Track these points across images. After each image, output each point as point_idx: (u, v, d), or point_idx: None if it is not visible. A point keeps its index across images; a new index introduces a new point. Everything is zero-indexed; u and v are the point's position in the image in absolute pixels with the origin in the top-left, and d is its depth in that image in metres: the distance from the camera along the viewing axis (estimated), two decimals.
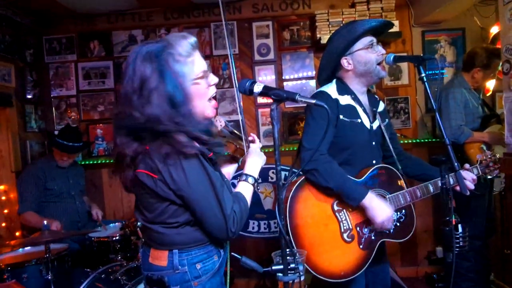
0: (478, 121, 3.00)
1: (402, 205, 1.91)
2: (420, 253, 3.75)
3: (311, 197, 1.86)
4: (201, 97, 1.29)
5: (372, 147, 1.98)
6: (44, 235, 2.27)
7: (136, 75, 1.19)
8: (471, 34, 3.65)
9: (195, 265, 1.29)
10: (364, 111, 1.96)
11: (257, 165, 1.49)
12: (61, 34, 3.73)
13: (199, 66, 1.28)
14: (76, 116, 3.76)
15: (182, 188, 1.20)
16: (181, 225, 1.27)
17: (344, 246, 1.83)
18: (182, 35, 1.27)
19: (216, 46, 3.71)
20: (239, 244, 3.70)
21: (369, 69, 1.90)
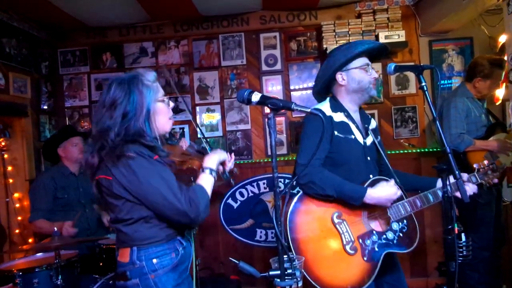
0: (483, 130, 2.99)
1: (403, 215, 1.94)
2: (430, 264, 3.70)
3: (311, 212, 1.89)
4: (163, 114, 1.57)
5: (367, 162, 2.03)
6: (54, 241, 2.33)
7: (110, 95, 1.49)
8: (479, 43, 3.65)
9: (151, 260, 1.48)
10: (357, 127, 2.03)
11: (213, 159, 1.64)
12: (75, 47, 3.86)
13: (161, 91, 1.60)
14: (88, 126, 3.86)
15: (134, 185, 1.41)
16: (136, 221, 1.47)
17: (348, 259, 1.83)
18: (147, 70, 1.60)
19: (224, 57, 3.78)
20: (247, 254, 3.71)
21: (361, 87, 2.00)
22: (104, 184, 1.47)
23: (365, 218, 1.93)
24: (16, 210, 3.34)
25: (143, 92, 1.50)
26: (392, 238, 1.93)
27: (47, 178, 3.15)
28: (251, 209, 3.73)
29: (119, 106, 1.45)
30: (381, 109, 3.74)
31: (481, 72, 2.96)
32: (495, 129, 2.98)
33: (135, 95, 1.48)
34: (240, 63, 3.78)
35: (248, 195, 3.76)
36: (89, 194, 3.36)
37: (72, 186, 3.24)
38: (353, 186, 1.85)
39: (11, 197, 3.34)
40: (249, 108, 3.78)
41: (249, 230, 3.75)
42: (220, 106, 3.79)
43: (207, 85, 3.79)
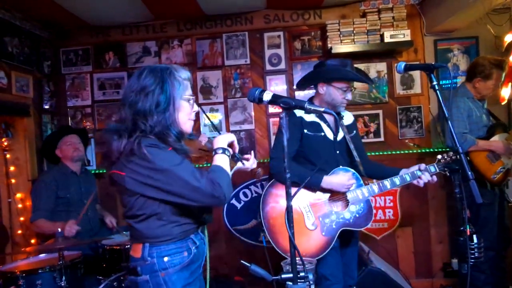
0: (484, 130, 2.98)
1: (360, 199, 2.31)
2: (435, 265, 3.68)
3: (280, 194, 2.32)
4: (185, 113, 1.54)
5: (336, 156, 2.38)
6: (58, 242, 2.30)
7: (140, 82, 1.47)
8: (484, 42, 3.62)
9: (162, 258, 1.47)
10: (328, 126, 2.39)
11: (222, 139, 1.61)
12: (78, 46, 3.84)
13: (190, 91, 1.58)
14: (91, 125, 3.83)
15: (154, 175, 1.38)
16: (148, 217, 1.45)
17: (309, 233, 2.26)
18: (183, 67, 1.59)
19: (228, 57, 3.76)
20: (251, 254, 3.69)
21: (333, 104, 2.36)
22: (117, 179, 1.45)
23: (327, 200, 2.34)
24: (19, 211, 3.31)
25: (175, 85, 1.49)
26: (349, 218, 2.30)
27: (49, 178, 3.14)
28: (255, 210, 3.70)
29: (151, 93, 1.44)
30: (386, 109, 3.71)
31: (481, 72, 2.95)
32: (496, 129, 2.97)
33: (168, 85, 1.47)
34: (244, 62, 3.75)
35: (252, 195, 3.74)
36: (91, 194, 3.34)
37: (73, 185, 3.22)
38: (311, 175, 2.18)
39: (13, 197, 3.32)
40: (253, 108, 3.75)
41: (253, 230, 3.72)
42: (223, 105, 3.77)
43: (211, 85, 3.76)
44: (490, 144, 2.85)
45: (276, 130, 3.74)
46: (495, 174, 2.85)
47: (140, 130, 1.41)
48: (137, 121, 1.42)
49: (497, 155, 2.85)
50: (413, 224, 3.70)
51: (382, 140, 3.71)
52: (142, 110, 1.43)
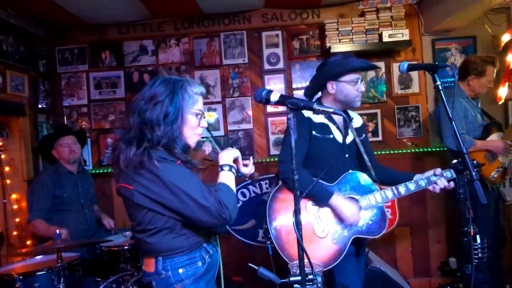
0: (480, 130, 2.99)
1: (372, 205, 2.15)
2: (433, 264, 3.69)
3: (288, 199, 2.16)
4: (191, 127, 1.52)
5: (345, 159, 2.25)
6: (56, 244, 2.27)
7: (152, 90, 1.47)
8: (482, 42, 3.63)
9: (177, 270, 1.45)
10: (338, 127, 2.25)
11: (228, 156, 1.60)
12: (73, 45, 3.78)
13: (199, 106, 1.56)
14: (87, 125, 3.79)
15: (161, 191, 1.36)
16: (160, 231, 1.42)
17: (319, 241, 2.10)
18: (198, 82, 1.65)
19: (226, 56, 3.73)
20: (249, 255, 3.67)
21: (347, 100, 2.20)
22: (124, 193, 1.43)
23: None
24: (14, 212, 3.26)
25: (185, 97, 1.48)
26: (361, 225, 2.15)
27: (45, 178, 3.11)
28: (253, 210, 3.68)
29: (161, 104, 1.43)
30: (384, 109, 3.71)
31: (474, 70, 2.96)
32: (491, 128, 2.98)
33: (178, 97, 1.46)
34: (242, 61, 3.73)
35: (250, 195, 3.72)
36: (88, 194, 3.32)
37: (70, 184, 3.19)
38: (322, 189, 2.08)
39: (9, 198, 3.27)
40: (251, 107, 3.73)
41: (251, 230, 3.70)
42: (221, 105, 3.74)
43: (209, 84, 3.73)
44: (487, 144, 2.86)
45: (274, 129, 3.74)
46: (493, 173, 2.86)
47: (147, 140, 1.39)
48: (144, 130, 1.41)
49: (494, 154, 2.86)
50: (411, 223, 3.70)
51: (380, 140, 3.71)
52: (149, 120, 1.41)
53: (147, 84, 1.52)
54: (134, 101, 1.50)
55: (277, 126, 3.75)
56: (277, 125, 3.75)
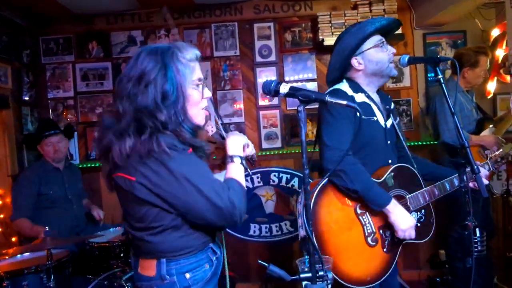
0: (474, 124, 3.01)
1: (421, 205, 1.89)
2: (422, 256, 3.73)
3: (334, 202, 1.80)
4: (194, 104, 1.29)
5: (387, 146, 1.94)
6: (46, 242, 2.19)
7: (137, 66, 1.21)
8: (472, 36, 3.66)
9: (184, 274, 1.24)
10: (378, 109, 1.92)
11: (237, 144, 1.40)
12: (59, 35, 3.65)
13: (198, 74, 1.30)
14: (73, 118, 3.68)
15: (169, 186, 1.16)
16: (164, 230, 1.22)
17: (369, 251, 1.79)
18: (189, 45, 1.31)
19: (217, 48, 3.67)
20: (241, 249, 3.64)
21: (380, 68, 1.88)
22: (123, 185, 1.19)
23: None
24: None
25: (180, 69, 1.22)
26: None
27: (31, 174, 3.01)
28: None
29: (152, 84, 1.18)
30: None
31: (468, 61, 2.97)
32: (484, 123, 3.01)
33: (171, 71, 1.20)
34: (233, 53, 3.67)
35: None
36: (76, 189, 3.23)
37: (57, 181, 3.10)
38: (380, 192, 1.76)
39: None
40: (243, 100, 3.69)
41: (243, 225, 3.67)
42: (212, 98, 3.68)
43: None
44: (481, 139, 2.89)
45: (266, 123, 3.70)
46: None
47: (149, 127, 1.16)
48: (142, 118, 1.16)
49: (487, 149, 2.89)
50: None
51: None
52: (145, 106, 1.17)
53: (130, 60, 1.25)
54: (119, 83, 1.23)
55: (269, 119, 3.71)
56: (268, 118, 3.72)
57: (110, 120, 1.23)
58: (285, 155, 3.67)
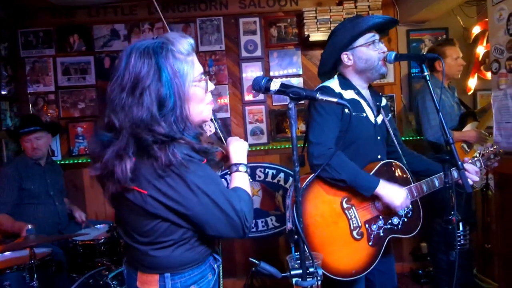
0: (456, 119, 3.06)
1: (410, 200, 1.90)
2: (405, 249, 3.81)
3: (320, 195, 1.83)
4: (198, 102, 1.19)
5: (377, 142, 1.97)
6: (29, 240, 2.14)
7: (129, 71, 1.07)
8: (454, 33, 3.72)
9: (189, 287, 1.19)
10: (368, 105, 1.95)
11: (242, 151, 1.35)
12: (38, 27, 3.54)
13: (198, 68, 1.19)
14: (54, 113, 3.59)
15: (186, 200, 1.08)
16: (172, 245, 1.16)
17: (354, 244, 1.82)
18: (181, 34, 1.18)
19: (202, 42, 3.63)
20: (227, 245, 3.64)
21: (369, 66, 1.90)
22: (132, 198, 1.09)
23: (372, 203, 1.90)
24: None
25: (177, 68, 1.10)
26: (397, 223, 1.92)
27: (11, 169, 2.94)
28: None
29: (147, 90, 1.06)
30: None
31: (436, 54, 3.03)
32: (467, 118, 3.06)
33: (167, 72, 1.08)
34: (219, 48, 3.64)
35: (227, 185, 3.67)
36: (58, 186, 3.17)
37: (38, 176, 3.04)
38: (367, 176, 1.80)
39: None
40: (228, 95, 3.67)
41: None
42: None
43: None
44: (464, 135, 2.95)
45: (251, 118, 3.69)
46: None
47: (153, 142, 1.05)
48: (140, 134, 1.04)
49: (470, 144, 2.96)
50: None
51: None
52: (140, 119, 1.05)
53: (118, 63, 1.11)
54: (111, 93, 1.10)
55: (255, 115, 3.70)
56: (254, 113, 3.71)
57: (108, 135, 1.10)
58: (270, 151, 3.67)
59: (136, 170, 1.06)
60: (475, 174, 1.92)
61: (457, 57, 3.05)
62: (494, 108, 2.50)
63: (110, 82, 1.12)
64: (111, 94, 1.10)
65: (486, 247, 3.29)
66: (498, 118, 2.48)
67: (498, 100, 2.47)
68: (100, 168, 1.09)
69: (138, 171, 1.06)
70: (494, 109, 2.50)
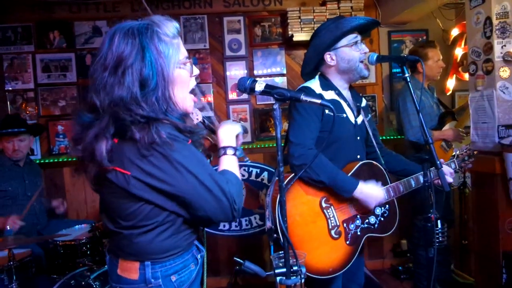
0: (436, 119, 3.13)
1: (386, 200, 1.94)
2: (385, 246, 3.88)
3: (300, 195, 1.86)
4: (183, 86, 1.17)
5: (356, 142, 2.01)
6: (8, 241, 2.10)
7: (112, 51, 1.06)
8: (433, 35, 3.81)
9: (170, 277, 1.16)
10: (349, 105, 1.98)
11: (231, 133, 1.33)
12: (17, 23, 3.45)
13: (183, 52, 1.18)
14: (33, 111, 3.51)
15: (172, 180, 1.06)
16: (153, 229, 1.12)
17: (332, 243, 1.86)
18: (166, 17, 1.17)
19: (186, 40, 3.61)
20: (211, 243, 3.64)
21: (351, 67, 1.93)
22: (114, 179, 1.07)
23: (350, 202, 1.93)
24: None
25: (161, 50, 1.08)
26: (373, 222, 1.97)
27: None
28: None
29: (129, 69, 1.04)
30: None
31: (418, 56, 3.09)
32: (446, 118, 3.15)
33: (151, 53, 1.06)
34: (203, 47, 3.63)
35: None
36: (36, 186, 3.10)
37: (16, 177, 2.97)
38: (346, 178, 1.84)
39: None
40: (212, 94, 3.66)
41: None
42: None
43: None
44: (443, 134, 3.03)
45: (235, 117, 3.69)
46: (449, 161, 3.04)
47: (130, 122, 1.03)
48: (118, 113, 1.03)
49: (449, 143, 3.04)
50: None
51: None
52: (120, 97, 1.03)
53: (102, 44, 1.10)
54: (94, 72, 1.09)
55: (239, 113, 3.71)
56: (238, 112, 3.72)
57: (89, 116, 1.08)
58: (254, 150, 3.69)
59: (119, 151, 1.05)
60: (450, 175, 1.98)
61: (438, 59, 3.13)
62: (471, 109, 2.57)
63: (93, 62, 1.11)
64: (93, 73, 1.09)
65: (463, 244, 3.39)
66: (475, 119, 2.55)
67: (475, 101, 2.54)
68: (81, 150, 1.08)
69: (121, 152, 1.05)
70: (471, 109, 2.58)
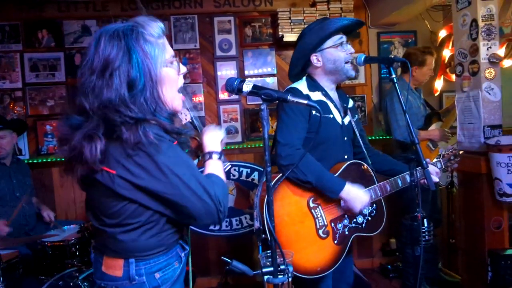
0: (422, 120, 3.18)
1: (373, 200, 1.96)
2: (375, 245, 3.92)
3: (287, 195, 1.86)
4: (171, 85, 1.18)
5: (344, 142, 2.03)
6: None
7: (99, 54, 1.08)
8: (421, 37, 3.87)
9: (153, 274, 1.18)
10: (335, 106, 2.00)
11: (215, 139, 1.36)
12: (4, 21, 3.41)
13: (169, 51, 1.20)
14: (21, 110, 3.47)
15: (156, 180, 1.07)
16: (137, 228, 1.14)
17: (320, 242, 1.86)
18: (150, 18, 1.19)
19: (177, 40, 3.60)
20: (201, 243, 3.64)
21: (337, 68, 1.95)
22: (100, 178, 1.09)
23: (338, 202, 1.93)
24: None
25: (148, 51, 1.10)
26: (361, 222, 1.99)
27: None
28: None
29: (116, 71, 1.06)
30: None
31: (415, 60, 3.13)
32: (432, 118, 3.20)
33: (137, 54, 1.08)
34: (193, 47, 3.62)
35: None
36: (25, 186, 3.08)
37: (3, 177, 2.94)
38: (333, 179, 1.85)
39: None
40: (203, 94, 3.66)
41: None
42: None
43: None
44: (429, 134, 3.08)
45: (226, 117, 3.70)
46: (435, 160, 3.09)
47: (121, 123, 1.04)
48: (108, 115, 1.04)
49: (435, 143, 3.08)
50: None
51: None
52: (109, 100, 1.05)
53: (88, 48, 1.12)
54: (82, 76, 1.10)
55: (229, 113, 3.71)
56: (229, 112, 3.72)
57: (78, 119, 1.10)
58: (245, 149, 3.70)
59: (106, 150, 1.05)
60: (436, 174, 2.02)
61: (432, 67, 3.20)
62: (458, 110, 2.62)
63: (80, 66, 1.13)
64: (81, 77, 1.11)
65: (451, 242, 3.44)
66: (461, 119, 2.59)
67: (462, 102, 2.58)
68: (68, 150, 1.08)
69: (107, 152, 1.06)
70: (457, 110, 2.62)
